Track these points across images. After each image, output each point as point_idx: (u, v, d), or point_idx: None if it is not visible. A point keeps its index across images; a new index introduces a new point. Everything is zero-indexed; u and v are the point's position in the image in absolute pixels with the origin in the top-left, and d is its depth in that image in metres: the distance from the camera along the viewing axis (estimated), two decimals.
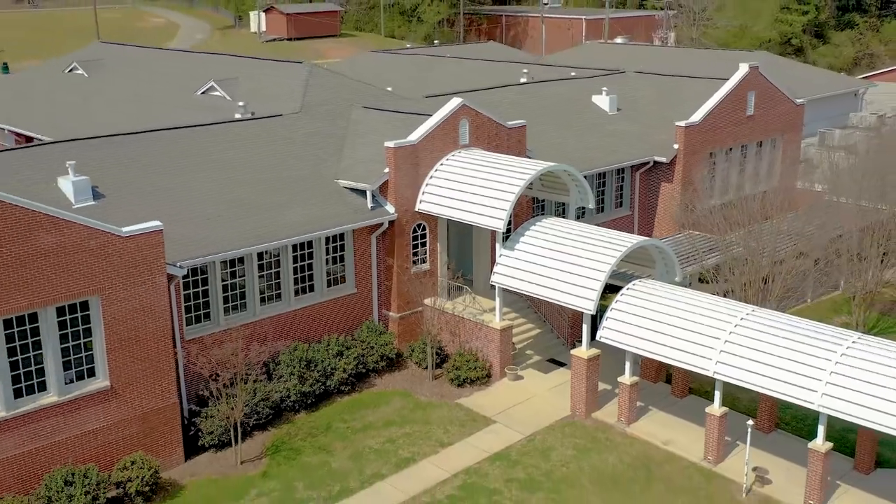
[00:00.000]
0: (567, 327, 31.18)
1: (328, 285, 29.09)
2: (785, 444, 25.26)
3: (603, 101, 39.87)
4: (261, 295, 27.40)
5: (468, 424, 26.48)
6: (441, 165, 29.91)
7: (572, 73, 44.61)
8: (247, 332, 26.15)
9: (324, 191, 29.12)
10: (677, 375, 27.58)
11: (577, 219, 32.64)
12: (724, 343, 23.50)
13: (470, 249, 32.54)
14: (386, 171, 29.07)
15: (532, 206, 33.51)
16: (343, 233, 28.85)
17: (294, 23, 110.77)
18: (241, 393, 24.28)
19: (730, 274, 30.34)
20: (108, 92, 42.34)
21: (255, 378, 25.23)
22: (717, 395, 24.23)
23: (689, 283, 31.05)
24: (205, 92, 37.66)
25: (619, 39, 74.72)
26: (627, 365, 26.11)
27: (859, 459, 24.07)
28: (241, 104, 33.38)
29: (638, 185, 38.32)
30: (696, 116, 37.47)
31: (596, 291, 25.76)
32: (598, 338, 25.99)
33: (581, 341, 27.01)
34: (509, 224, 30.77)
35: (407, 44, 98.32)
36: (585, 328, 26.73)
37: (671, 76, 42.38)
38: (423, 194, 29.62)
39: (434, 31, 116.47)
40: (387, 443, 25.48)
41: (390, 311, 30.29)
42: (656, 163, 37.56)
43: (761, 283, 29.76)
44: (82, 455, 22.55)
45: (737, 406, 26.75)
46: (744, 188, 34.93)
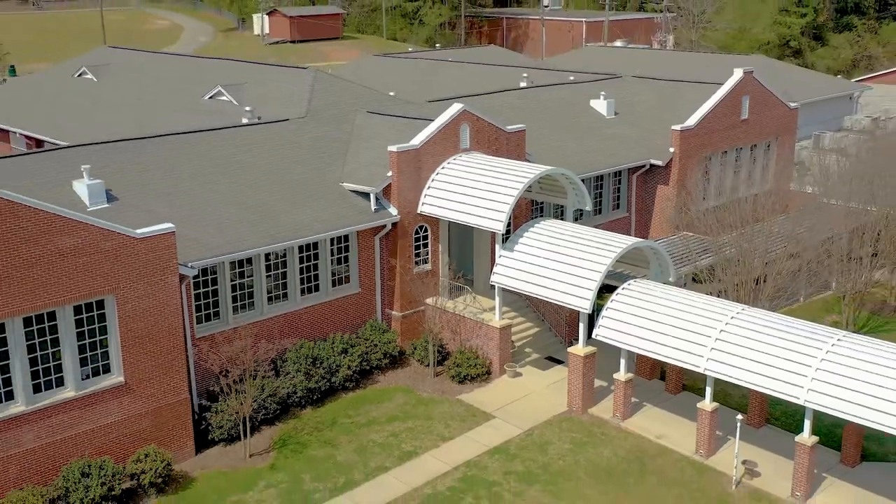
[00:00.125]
0: (564, 326, 31.82)
1: (333, 285, 29.82)
2: (774, 439, 26.04)
3: (601, 105, 40.47)
4: (268, 294, 28.16)
5: (468, 419, 27.22)
6: (442, 169, 30.62)
7: (571, 78, 45.27)
8: (255, 330, 26.90)
9: (329, 193, 29.86)
10: (671, 372, 28.35)
11: (576, 220, 33.28)
12: (714, 341, 24.28)
13: (470, 250, 33.18)
14: (389, 174, 29.77)
15: (531, 208, 34.19)
16: (348, 234, 29.61)
17: (297, 25, 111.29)
18: (250, 389, 25.03)
19: (723, 274, 31.07)
20: (117, 96, 42.97)
21: (263, 374, 26.00)
22: (709, 391, 25.02)
23: (685, 284, 31.74)
24: (212, 97, 38.23)
25: (619, 43, 75.33)
26: (623, 362, 26.83)
27: (845, 453, 24.85)
28: (248, 109, 33.90)
29: (635, 187, 38.98)
30: (692, 120, 38.06)
31: (592, 291, 26.55)
32: (594, 336, 26.78)
33: (578, 339, 27.71)
34: (508, 226, 31.47)
35: (409, 47, 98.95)
36: (582, 327, 27.46)
37: (668, 81, 42.92)
38: (425, 197, 30.35)
39: (435, 33, 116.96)
40: (390, 437, 26.25)
41: (393, 310, 31.00)
42: (653, 166, 38.22)
43: (753, 283, 30.49)
44: (98, 448, 23.40)
45: (729, 402, 27.52)
46: (737, 191, 35.52)
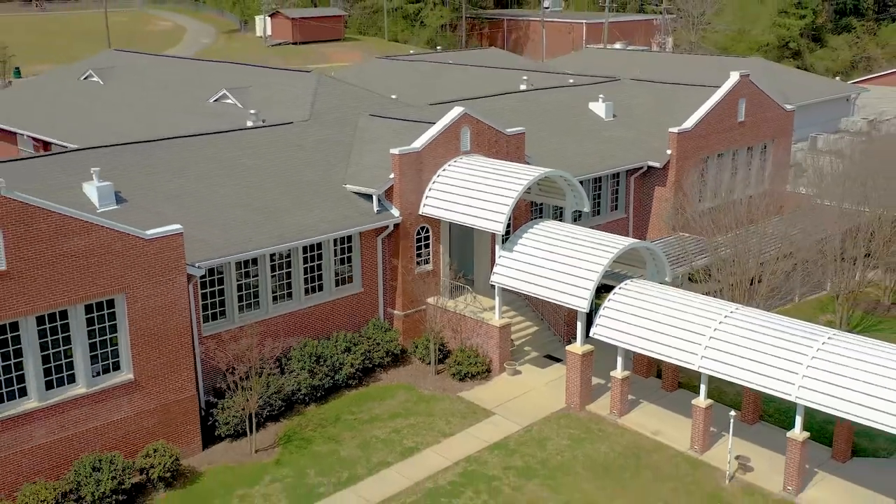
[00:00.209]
0: (563, 325, 32.31)
1: (336, 285, 30.35)
2: (768, 435, 26.59)
3: (599, 107, 40.95)
4: (273, 294, 28.73)
5: (469, 416, 27.76)
6: (443, 171, 31.14)
7: (570, 81, 45.79)
8: (260, 329, 27.36)
9: (333, 195, 30.41)
10: (667, 370, 28.92)
11: (574, 221, 33.83)
12: (708, 339, 24.84)
13: (471, 251, 33.69)
14: (391, 176, 30.29)
15: (530, 209, 34.74)
16: (351, 235, 30.17)
17: (299, 27, 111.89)
18: (256, 386, 25.57)
19: (718, 274, 31.60)
20: (123, 99, 43.49)
21: (269, 372, 26.48)
22: (703, 388, 25.56)
23: (682, 283, 32.30)
24: (217, 100, 38.69)
25: (618, 45, 75.90)
26: (619, 360, 27.36)
27: (836, 448, 25.41)
28: (252, 112, 34.38)
29: (633, 188, 39.48)
30: (689, 123, 38.54)
31: (590, 291, 27.10)
32: (591, 334, 27.29)
33: (576, 338, 28.20)
34: (508, 226, 32.02)
35: (410, 48, 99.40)
36: (580, 325, 27.98)
37: (665, 83, 43.39)
38: (427, 198, 30.89)
39: (436, 35, 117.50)
40: (392, 433, 26.79)
41: (395, 309, 31.55)
42: (650, 168, 38.71)
43: (748, 283, 31.04)
44: (108, 443, 23.99)
45: (723, 399, 28.09)
46: (734, 192, 35.97)
